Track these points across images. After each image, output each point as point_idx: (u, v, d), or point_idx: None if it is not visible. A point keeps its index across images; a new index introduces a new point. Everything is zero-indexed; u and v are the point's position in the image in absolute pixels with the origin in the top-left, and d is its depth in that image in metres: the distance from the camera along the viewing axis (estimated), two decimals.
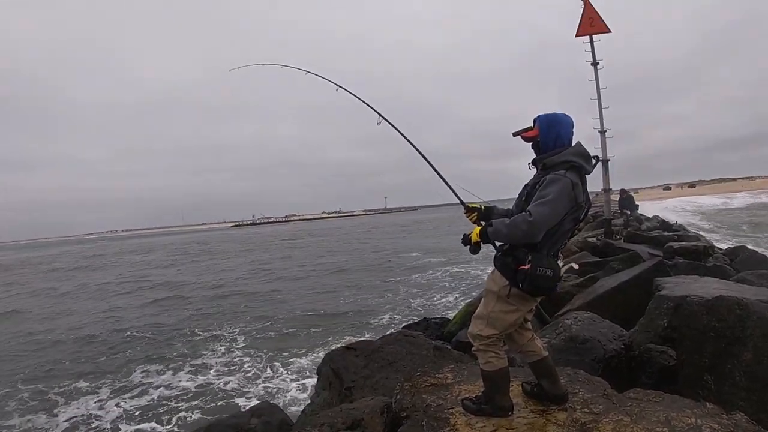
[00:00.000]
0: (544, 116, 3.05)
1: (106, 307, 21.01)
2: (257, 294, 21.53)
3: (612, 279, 7.41)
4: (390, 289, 20.35)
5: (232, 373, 10.84)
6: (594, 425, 2.93)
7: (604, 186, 14.11)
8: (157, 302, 21.55)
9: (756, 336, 3.30)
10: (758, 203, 47.69)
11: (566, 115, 3.07)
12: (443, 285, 20.09)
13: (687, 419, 2.86)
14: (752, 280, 6.98)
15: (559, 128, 3.00)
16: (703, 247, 10.97)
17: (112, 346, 14.05)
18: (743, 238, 22.36)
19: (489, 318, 3.04)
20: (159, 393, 9.81)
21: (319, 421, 3.69)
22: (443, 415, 3.25)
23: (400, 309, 16.19)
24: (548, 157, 2.97)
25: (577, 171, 2.91)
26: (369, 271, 26.79)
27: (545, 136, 3.01)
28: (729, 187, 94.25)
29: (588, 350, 4.41)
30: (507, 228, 2.84)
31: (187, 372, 11.17)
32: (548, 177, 2.86)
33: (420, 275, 23.30)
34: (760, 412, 3.06)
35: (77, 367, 12.42)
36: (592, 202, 3.43)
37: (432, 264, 27.03)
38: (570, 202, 2.83)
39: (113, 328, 16.45)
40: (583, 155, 2.96)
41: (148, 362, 12.11)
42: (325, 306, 17.61)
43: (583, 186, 2.94)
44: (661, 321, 4.96)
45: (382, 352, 5.41)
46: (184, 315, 18.11)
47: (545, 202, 2.77)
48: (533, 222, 2.73)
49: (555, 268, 2.84)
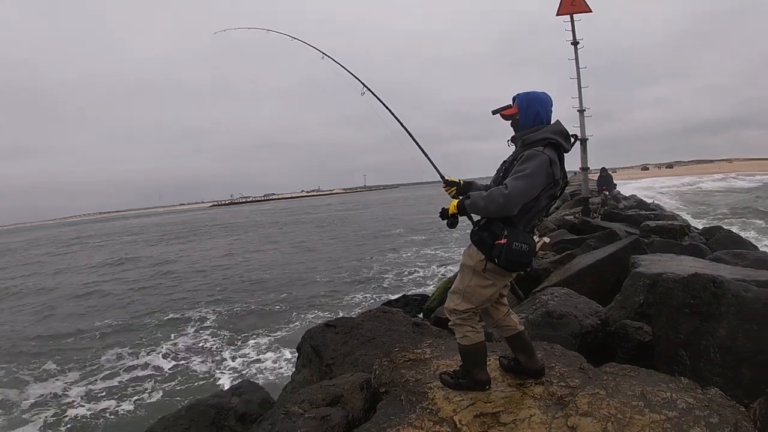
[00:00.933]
0: (523, 94, 3.04)
1: (77, 291, 20.80)
2: (233, 274, 21.41)
3: (589, 256, 7.49)
4: (367, 266, 20.40)
5: (207, 353, 10.83)
6: (570, 399, 2.97)
7: (582, 165, 14.23)
8: (130, 284, 21.36)
9: (731, 313, 3.34)
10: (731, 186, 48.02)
11: (545, 93, 3.06)
12: (419, 263, 20.14)
13: (662, 393, 2.91)
14: (727, 259, 7.11)
15: (539, 106, 3.00)
16: (680, 226, 11.13)
17: (83, 329, 13.92)
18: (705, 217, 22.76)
19: (465, 292, 3.05)
20: (134, 374, 9.77)
21: (300, 398, 3.69)
22: (422, 390, 3.27)
23: (376, 287, 16.26)
24: (527, 134, 2.98)
25: (555, 148, 2.91)
26: (347, 248, 26.89)
27: (524, 114, 3.01)
28: (706, 168, 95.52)
29: (564, 325, 4.46)
30: (484, 201, 2.84)
31: (160, 353, 11.11)
32: (526, 152, 2.86)
33: (396, 255, 23.30)
34: (734, 388, 3.11)
35: (45, 347, 12.38)
36: (570, 181, 3.45)
37: (412, 242, 27.06)
38: (547, 179, 2.85)
39: (83, 311, 16.32)
40: (562, 133, 2.96)
41: (120, 345, 11.99)
42: (302, 284, 17.59)
43: (560, 163, 2.96)
44: (637, 297, 5.03)
45: (361, 329, 5.41)
46: (157, 297, 17.96)
47: (522, 176, 2.78)
48: (509, 195, 2.74)
49: (530, 243, 2.85)
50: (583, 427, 2.66)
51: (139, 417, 7.83)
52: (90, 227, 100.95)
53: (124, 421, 7.88)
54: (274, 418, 3.42)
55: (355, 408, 3.49)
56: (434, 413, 2.99)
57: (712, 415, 2.64)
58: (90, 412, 8.20)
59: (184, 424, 4.52)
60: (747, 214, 22.86)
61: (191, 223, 75.41)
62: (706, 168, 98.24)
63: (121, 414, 8.09)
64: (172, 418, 4.66)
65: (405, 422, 2.93)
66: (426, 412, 3.02)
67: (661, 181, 58.26)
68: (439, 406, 3.05)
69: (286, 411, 3.43)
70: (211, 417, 4.58)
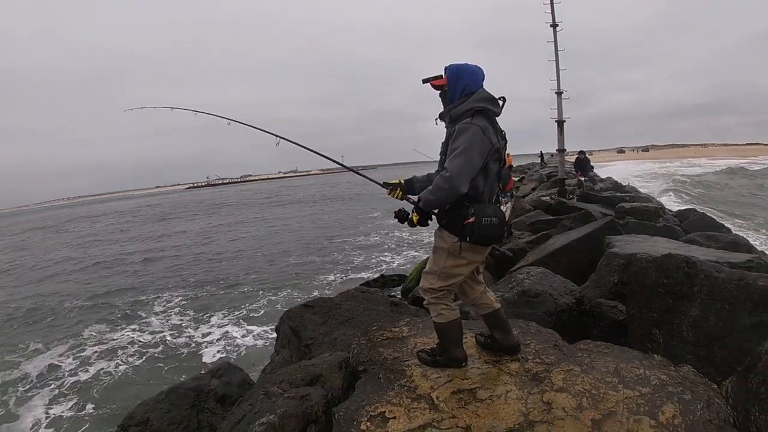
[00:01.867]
0: (454, 66, 2.98)
1: (50, 274, 20.57)
2: (209, 257, 21.24)
3: (564, 236, 7.58)
4: (339, 249, 20.34)
5: (183, 335, 10.77)
6: (546, 375, 3.02)
7: (558, 146, 14.36)
8: (102, 267, 21.08)
9: (703, 293, 3.41)
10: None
11: (478, 66, 3.00)
12: (395, 245, 20.16)
13: (636, 370, 2.97)
14: (701, 241, 7.25)
15: (468, 78, 2.94)
16: (654, 208, 11.32)
17: (58, 313, 13.76)
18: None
19: (440, 273, 3.05)
20: (116, 360, 9.60)
21: (279, 378, 3.70)
22: (399, 368, 3.29)
23: (349, 268, 16.28)
24: (452, 108, 2.94)
25: (483, 114, 2.87)
26: (323, 229, 26.89)
27: (453, 86, 2.95)
28: (681, 152, 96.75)
29: (540, 303, 4.52)
30: (433, 194, 2.84)
31: (136, 336, 11.00)
32: (456, 128, 2.84)
33: (367, 237, 23.24)
34: (706, 366, 3.18)
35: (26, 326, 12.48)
36: (547, 162, 3.45)
37: (385, 225, 26.98)
38: (485, 147, 2.81)
39: (58, 296, 15.99)
40: (488, 99, 2.91)
41: (99, 330, 11.79)
42: (277, 266, 17.56)
43: (494, 127, 2.92)
44: (611, 277, 5.11)
45: (339, 309, 5.43)
46: (130, 279, 17.79)
47: (457, 154, 2.76)
48: (450, 177, 2.73)
49: (499, 214, 2.86)
50: (559, 403, 2.71)
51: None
52: (67, 212, 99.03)
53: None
54: (254, 398, 3.43)
55: (335, 387, 3.51)
56: (412, 390, 3.02)
57: (684, 391, 2.70)
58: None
59: (164, 407, 4.50)
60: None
61: (167, 206, 74.42)
62: (681, 152, 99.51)
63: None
64: (152, 402, 4.64)
65: (383, 399, 2.95)
66: (404, 389, 3.04)
67: (639, 166, 58.58)
68: (417, 384, 3.08)
69: (265, 391, 3.43)
70: (191, 400, 4.57)
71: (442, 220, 3.01)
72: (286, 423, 2.95)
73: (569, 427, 2.51)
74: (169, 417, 4.42)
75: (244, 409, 3.37)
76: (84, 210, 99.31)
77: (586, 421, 2.53)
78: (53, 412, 7.62)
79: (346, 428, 2.73)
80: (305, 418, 3.05)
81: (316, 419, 3.09)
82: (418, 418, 2.74)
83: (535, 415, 2.64)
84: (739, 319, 3.22)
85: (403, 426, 2.68)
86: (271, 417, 2.96)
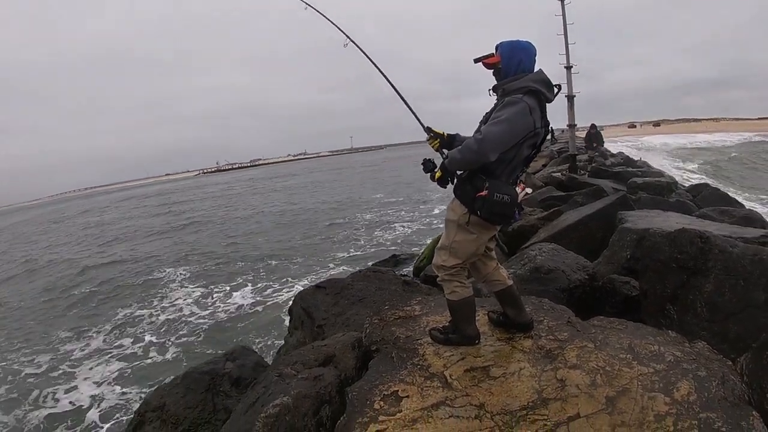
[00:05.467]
0: (507, 42, 2.95)
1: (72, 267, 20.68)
2: (230, 237, 21.47)
3: (576, 212, 7.52)
4: (351, 227, 20.54)
5: (202, 317, 10.95)
6: (559, 351, 3.01)
7: (569, 121, 14.20)
8: (120, 255, 21.27)
9: (717, 268, 3.37)
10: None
11: (529, 42, 2.97)
12: (404, 225, 20.18)
13: (650, 346, 2.95)
14: (714, 216, 7.16)
15: (522, 55, 2.91)
16: (666, 182, 11.21)
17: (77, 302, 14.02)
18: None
19: (451, 248, 3.05)
20: (136, 345, 9.80)
21: (292, 359, 3.71)
22: (412, 346, 3.30)
23: (361, 248, 16.40)
24: (508, 83, 2.90)
25: (535, 96, 2.84)
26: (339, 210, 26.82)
27: (507, 63, 2.92)
28: (692, 127, 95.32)
29: (552, 280, 4.49)
30: (460, 153, 2.82)
31: (157, 319, 11.24)
32: (505, 100, 2.81)
33: (379, 215, 23.38)
34: (721, 343, 3.15)
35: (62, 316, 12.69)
36: (557, 138, 3.40)
37: (396, 203, 27.05)
38: (526, 126, 2.79)
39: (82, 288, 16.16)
40: (544, 82, 2.89)
41: (121, 314, 12.10)
42: (287, 248, 17.67)
43: (542, 112, 2.90)
44: (624, 253, 5.06)
45: (351, 289, 5.44)
46: (154, 261, 18.08)
47: (498, 121, 2.74)
48: (483, 139, 2.71)
49: (512, 194, 2.83)
50: (572, 380, 2.70)
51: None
52: (72, 205, 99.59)
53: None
54: (268, 380, 3.45)
55: (348, 367, 3.52)
56: (425, 369, 3.02)
57: (699, 368, 2.68)
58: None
59: (179, 392, 4.56)
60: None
61: (179, 192, 74.68)
62: (692, 126, 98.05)
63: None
64: (168, 387, 4.70)
65: (396, 378, 2.96)
66: (417, 368, 3.05)
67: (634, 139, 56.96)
68: (430, 362, 3.08)
69: (279, 373, 3.45)
70: (206, 383, 4.62)
71: (456, 190, 3.00)
72: (300, 404, 2.97)
73: (583, 405, 2.50)
74: (185, 401, 4.48)
75: (258, 391, 3.39)
76: (108, 198, 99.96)
77: (600, 398, 2.52)
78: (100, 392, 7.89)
79: (359, 408, 2.74)
80: (319, 399, 3.07)
81: (329, 399, 3.11)
82: (431, 396, 2.75)
83: (548, 393, 2.64)
84: (753, 295, 3.18)
85: (417, 405, 2.69)
86: (285, 398, 2.97)
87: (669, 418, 2.31)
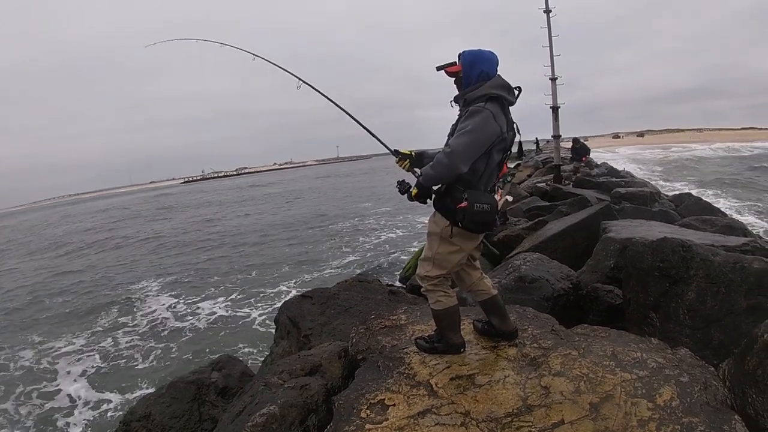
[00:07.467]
0: (468, 52, 2.98)
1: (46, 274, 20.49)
2: (214, 248, 21.30)
3: (560, 222, 7.60)
4: (337, 236, 20.47)
5: (186, 327, 10.86)
6: (543, 359, 3.04)
7: (554, 133, 14.35)
8: (100, 262, 21.19)
9: (699, 277, 3.43)
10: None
11: (491, 52, 2.99)
12: (391, 234, 20.14)
13: (633, 353, 2.98)
14: (696, 225, 7.27)
15: (483, 65, 2.94)
16: (650, 192, 11.37)
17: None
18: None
19: (435, 259, 3.08)
20: (117, 351, 9.72)
21: (279, 369, 3.71)
22: (398, 355, 3.31)
23: (349, 259, 16.27)
24: (468, 92, 2.94)
25: (497, 101, 2.88)
26: (319, 220, 26.73)
27: (468, 72, 2.95)
28: (677, 137, 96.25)
29: (537, 289, 4.53)
30: (433, 169, 2.85)
31: (136, 327, 11.19)
32: (469, 109, 2.84)
33: (363, 224, 23.35)
34: (703, 349, 3.21)
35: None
36: (543, 148, 3.45)
37: (381, 212, 27.02)
38: (493, 133, 2.82)
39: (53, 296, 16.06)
40: (504, 86, 2.92)
41: (97, 324, 11.97)
42: (274, 258, 17.58)
43: (506, 116, 2.94)
44: (607, 262, 5.13)
45: (337, 299, 5.45)
46: (135, 271, 17.90)
47: (464, 132, 2.77)
48: (452, 152, 2.75)
49: (492, 202, 2.86)
50: (557, 387, 2.73)
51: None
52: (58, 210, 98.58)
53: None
54: (254, 390, 3.44)
55: (334, 376, 3.53)
56: (411, 377, 3.04)
57: (682, 374, 2.71)
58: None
59: (165, 401, 4.53)
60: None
61: (164, 199, 74.20)
62: (677, 137, 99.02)
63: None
64: (154, 397, 4.66)
65: (383, 387, 2.97)
66: (403, 376, 3.06)
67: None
68: (416, 371, 3.10)
69: (265, 382, 3.45)
70: (192, 393, 4.59)
71: (436, 203, 3.03)
72: (286, 413, 2.97)
73: (567, 411, 2.52)
74: (171, 411, 4.45)
75: (244, 400, 3.39)
76: (91, 206, 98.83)
77: (584, 405, 2.55)
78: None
79: (346, 417, 2.75)
80: (306, 408, 3.07)
81: (316, 408, 3.11)
82: (417, 404, 2.76)
83: (533, 400, 2.66)
84: (735, 302, 3.24)
85: (403, 413, 2.70)
86: (271, 407, 2.97)
87: (652, 423, 2.34)
